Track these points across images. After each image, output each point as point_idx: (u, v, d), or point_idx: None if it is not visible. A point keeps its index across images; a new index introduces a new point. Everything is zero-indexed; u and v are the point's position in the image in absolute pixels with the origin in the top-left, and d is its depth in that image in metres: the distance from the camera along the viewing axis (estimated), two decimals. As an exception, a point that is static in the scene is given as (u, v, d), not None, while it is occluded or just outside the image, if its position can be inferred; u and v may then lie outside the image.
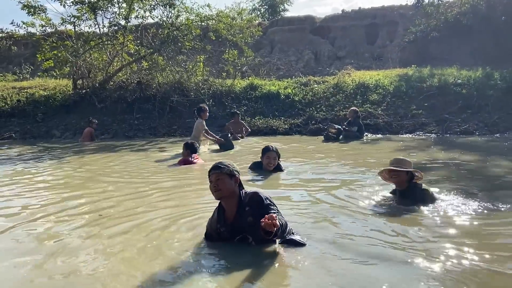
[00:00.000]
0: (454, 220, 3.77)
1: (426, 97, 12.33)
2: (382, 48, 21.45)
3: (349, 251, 3.08)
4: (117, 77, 15.03)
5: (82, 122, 13.31)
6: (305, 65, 21.00)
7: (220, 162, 3.28)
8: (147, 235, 3.57)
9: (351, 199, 4.58)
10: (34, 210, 4.55)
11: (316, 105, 13.03)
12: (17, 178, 6.47)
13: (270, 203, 3.15)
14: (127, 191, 5.34)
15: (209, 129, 9.48)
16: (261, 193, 3.24)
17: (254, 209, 3.12)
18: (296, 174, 6.17)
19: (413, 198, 4.23)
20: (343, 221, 3.83)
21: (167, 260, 3.03)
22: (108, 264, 3.00)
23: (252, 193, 3.24)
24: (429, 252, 3.01)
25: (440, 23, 16.83)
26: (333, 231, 3.57)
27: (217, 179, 3.17)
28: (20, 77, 19.96)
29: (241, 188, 3.31)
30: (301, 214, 4.06)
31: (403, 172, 4.23)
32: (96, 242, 3.45)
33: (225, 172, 3.18)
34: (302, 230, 3.50)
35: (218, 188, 3.17)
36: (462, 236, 3.37)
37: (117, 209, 4.48)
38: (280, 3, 30.41)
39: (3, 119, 14.36)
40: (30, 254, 3.23)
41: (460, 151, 7.88)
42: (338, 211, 4.15)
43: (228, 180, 3.18)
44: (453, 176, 5.62)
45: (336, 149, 8.86)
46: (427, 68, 14.17)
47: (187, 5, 14.89)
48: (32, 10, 13.44)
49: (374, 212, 4.12)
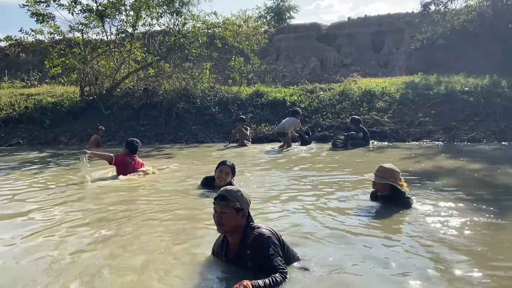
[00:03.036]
0: (460, 229, 3.72)
1: (433, 104, 12.26)
2: (388, 55, 21.41)
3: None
4: (124, 84, 15.14)
5: (89, 129, 13.41)
6: (311, 72, 21.00)
7: (229, 192, 2.84)
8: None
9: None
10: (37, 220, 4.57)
11: (322, 112, 13.01)
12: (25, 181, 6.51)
13: (274, 253, 2.71)
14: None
15: (214, 136, 9.49)
16: (268, 236, 2.79)
17: (254, 255, 2.76)
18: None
19: (394, 203, 4.39)
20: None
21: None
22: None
23: (257, 235, 2.79)
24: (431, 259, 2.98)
25: (446, 31, 16.79)
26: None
27: (222, 212, 2.81)
28: (28, 84, 20.16)
29: (249, 220, 2.91)
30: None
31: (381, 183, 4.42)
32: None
33: (232, 205, 2.79)
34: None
35: (221, 222, 2.81)
36: (470, 245, 3.33)
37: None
38: (286, 11, 30.56)
39: (11, 125, 14.50)
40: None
41: (467, 159, 7.81)
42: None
43: (235, 215, 2.80)
44: (460, 184, 5.56)
45: (337, 157, 8.81)
46: (434, 76, 14.11)
47: (194, 13, 15.03)
48: (41, 18, 13.60)
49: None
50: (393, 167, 4.46)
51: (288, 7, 30.51)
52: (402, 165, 7.22)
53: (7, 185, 6.45)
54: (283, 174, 6.84)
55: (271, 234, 2.83)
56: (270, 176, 6.67)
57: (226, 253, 2.96)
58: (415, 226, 3.84)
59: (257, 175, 6.74)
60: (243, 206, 2.83)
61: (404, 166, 7.11)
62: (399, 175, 4.43)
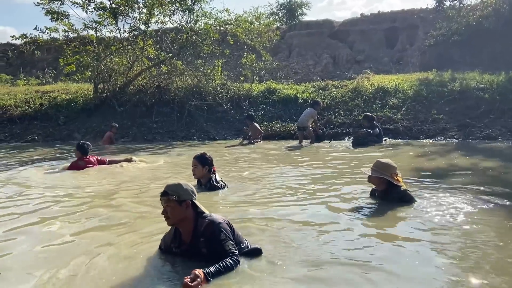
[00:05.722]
0: (473, 228, 3.68)
1: (447, 101, 12.10)
2: (402, 52, 21.18)
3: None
4: (137, 81, 15.25)
5: (103, 125, 13.56)
6: (323, 69, 20.90)
7: (169, 186, 3.05)
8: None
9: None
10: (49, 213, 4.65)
11: (334, 109, 12.94)
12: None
13: (226, 238, 2.91)
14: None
15: (226, 133, 9.53)
16: (219, 223, 2.98)
17: (207, 242, 2.94)
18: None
19: (391, 199, 4.40)
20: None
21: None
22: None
23: (209, 222, 2.99)
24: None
25: (461, 27, 16.51)
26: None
27: (166, 205, 3.00)
28: (43, 81, 20.47)
29: (197, 211, 3.08)
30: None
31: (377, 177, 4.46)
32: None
33: (173, 198, 2.98)
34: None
35: (167, 216, 3.01)
36: (482, 245, 3.29)
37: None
38: (298, 8, 30.42)
39: (26, 122, 14.74)
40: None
41: (482, 157, 7.70)
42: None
43: (178, 207, 2.98)
44: (474, 182, 5.48)
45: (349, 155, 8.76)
46: (448, 72, 13.91)
47: (206, 10, 15.06)
48: (56, 16, 13.75)
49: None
50: (390, 162, 4.51)
51: (300, 4, 30.37)
52: (416, 163, 7.16)
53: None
54: (293, 169, 6.83)
55: (222, 220, 3.03)
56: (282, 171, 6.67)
57: (180, 244, 3.10)
58: (427, 224, 3.81)
59: (264, 171, 6.75)
60: (184, 197, 3.01)
61: (418, 164, 7.05)
62: (396, 170, 4.45)
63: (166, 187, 3.06)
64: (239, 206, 4.63)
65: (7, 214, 4.59)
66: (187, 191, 3.06)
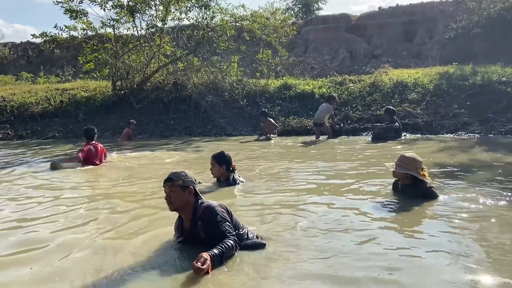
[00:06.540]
0: (495, 225, 3.58)
1: (468, 95, 11.83)
2: (421, 45, 20.83)
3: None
4: (154, 78, 15.37)
5: (121, 122, 13.72)
6: (340, 64, 20.71)
7: (174, 173, 3.21)
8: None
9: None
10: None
11: (352, 104, 12.79)
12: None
13: (222, 220, 3.05)
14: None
15: (242, 129, 9.51)
16: (214, 207, 3.13)
17: (205, 225, 3.08)
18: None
19: (415, 194, 4.30)
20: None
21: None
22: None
23: (205, 206, 3.14)
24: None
25: (483, 19, 16.11)
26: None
27: (170, 190, 3.14)
28: (63, 79, 20.84)
29: (197, 197, 3.23)
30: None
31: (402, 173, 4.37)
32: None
33: (177, 184, 3.12)
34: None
35: (170, 201, 3.14)
36: (501, 243, 3.20)
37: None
38: (314, 2, 30.20)
39: (47, 119, 15.04)
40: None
41: (505, 152, 7.50)
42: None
43: (181, 192, 3.12)
44: (497, 177, 5.34)
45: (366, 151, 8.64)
46: (469, 66, 13.60)
47: (222, 6, 15.04)
48: (74, 14, 13.91)
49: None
50: (415, 156, 4.38)
51: (316, -1, 30.16)
52: (436, 158, 7.03)
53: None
54: (309, 165, 6.79)
55: (218, 205, 3.17)
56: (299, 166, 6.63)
57: (182, 231, 3.25)
58: (451, 223, 3.73)
59: (282, 167, 6.72)
60: (187, 183, 3.16)
61: (438, 159, 6.91)
62: (421, 165, 4.33)
63: (171, 174, 3.20)
64: (259, 202, 4.62)
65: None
66: (191, 178, 3.22)
